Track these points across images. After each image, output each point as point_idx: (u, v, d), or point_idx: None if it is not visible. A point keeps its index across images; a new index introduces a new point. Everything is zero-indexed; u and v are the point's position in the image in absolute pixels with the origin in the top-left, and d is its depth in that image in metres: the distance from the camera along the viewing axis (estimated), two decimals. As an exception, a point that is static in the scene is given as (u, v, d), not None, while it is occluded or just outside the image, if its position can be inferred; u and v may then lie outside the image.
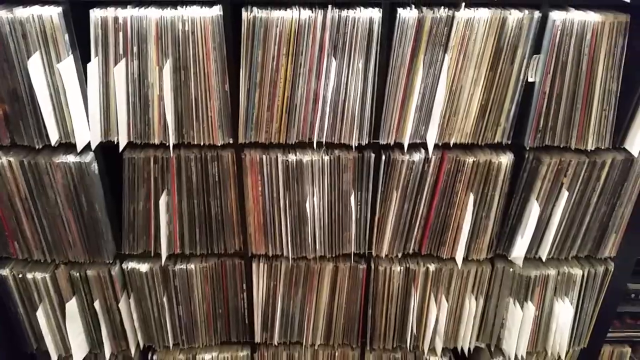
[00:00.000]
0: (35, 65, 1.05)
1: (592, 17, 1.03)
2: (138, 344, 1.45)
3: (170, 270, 1.32)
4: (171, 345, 1.45)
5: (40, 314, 1.33)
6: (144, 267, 1.32)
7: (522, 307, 1.36)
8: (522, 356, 1.43)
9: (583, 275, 1.34)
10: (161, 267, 1.32)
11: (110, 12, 1.04)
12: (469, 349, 1.47)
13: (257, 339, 1.47)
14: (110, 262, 1.31)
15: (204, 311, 1.41)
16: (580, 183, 1.21)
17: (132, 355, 1.46)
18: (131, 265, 1.32)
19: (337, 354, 1.51)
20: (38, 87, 1.06)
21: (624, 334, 1.55)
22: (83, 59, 1.09)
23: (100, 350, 1.43)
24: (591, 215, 1.26)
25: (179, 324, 1.42)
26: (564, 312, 1.37)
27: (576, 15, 1.03)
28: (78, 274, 1.31)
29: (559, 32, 1.03)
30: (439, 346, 1.45)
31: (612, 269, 1.35)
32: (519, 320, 1.37)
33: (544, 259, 1.30)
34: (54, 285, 1.32)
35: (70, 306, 1.33)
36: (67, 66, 1.06)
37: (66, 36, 1.04)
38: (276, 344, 1.48)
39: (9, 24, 1.01)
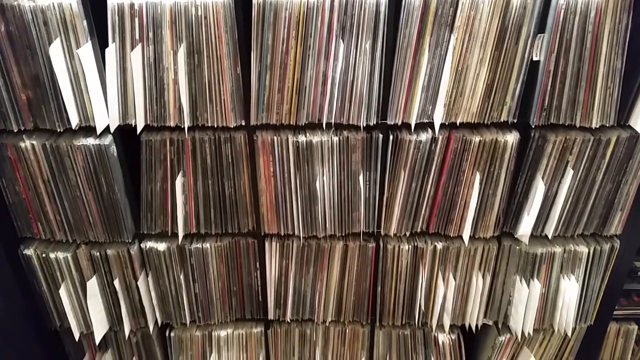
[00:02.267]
0: (56, 52, 1.09)
1: (595, -4, 1.04)
2: (156, 321, 1.50)
3: (186, 249, 1.37)
4: (188, 322, 1.50)
5: (62, 292, 1.39)
6: (161, 246, 1.37)
7: (528, 284, 1.39)
8: (529, 333, 1.46)
9: (589, 253, 1.36)
10: (178, 246, 1.37)
11: (126, -1, 1.08)
12: (477, 325, 1.50)
13: (271, 316, 1.52)
14: (129, 241, 1.36)
15: (219, 289, 1.46)
16: (586, 161, 1.23)
17: (151, 332, 1.52)
18: (149, 244, 1.37)
19: (347, 330, 1.56)
20: (59, 72, 1.11)
21: (631, 312, 1.57)
22: (101, 44, 1.13)
23: (120, 327, 1.48)
24: (597, 192, 1.28)
25: (195, 302, 1.47)
26: (570, 289, 1.39)
27: (580, -6, 1.05)
28: (98, 253, 1.36)
29: (562, 10, 1.05)
30: (447, 323, 1.49)
31: (618, 247, 1.36)
32: (525, 298, 1.40)
33: (550, 237, 1.33)
34: (75, 264, 1.37)
35: (91, 284, 1.38)
36: (86, 52, 1.11)
37: (85, 23, 1.08)
38: (289, 320, 1.52)
39: (31, 12, 1.06)
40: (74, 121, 1.17)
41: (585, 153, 1.22)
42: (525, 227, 1.31)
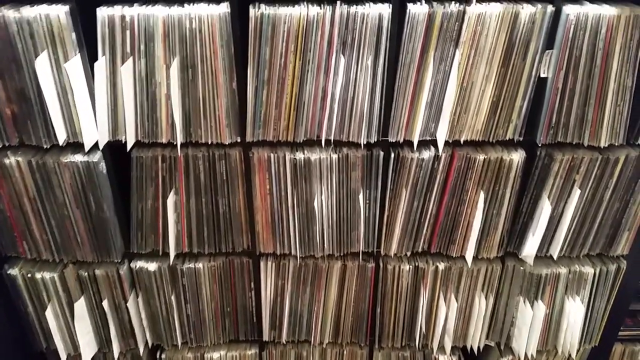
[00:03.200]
0: (42, 65, 1.04)
1: (607, 11, 1.00)
2: (147, 343, 1.45)
3: (178, 269, 1.32)
4: (180, 344, 1.44)
5: (49, 313, 1.33)
6: (152, 266, 1.32)
7: (532, 305, 1.35)
8: (532, 355, 1.42)
9: (595, 274, 1.33)
10: (169, 266, 1.32)
11: (117, 11, 1.03)
12: (479, 347, 1.46)
13: (266, 337, 1.47)
14: (119, 261, 1.30)
15: (212, 310, 1.40)
16: (593, 180, 1.19)
17: (141, 354, 1.46)
18: (139, 264, 1.32)
19: (345, 352, 1.51)
20: (45, 86, 1.06)
21: (636, 332, 1.53)
22: (90, 58, 1.08)
23: (108, 349, 1.43)
24: (604, 212, 1.25)
25: (188, 323, 1.41)
26: (574, 310, 1.35)
27: (591, 9, 1.01)
28: (86, 273, 1.31)
29: (572, 26, 1.02)
30: (448, 345, 1.44)
31: (625, 267, 1.33)
32: (529, 319, 1.36)
33: (555, 257, 1.29)
34: (62, 284, 1.32)
35: (78, 305, 1.33)
36: (74, 65, 1.06)
37: (73, 35, 1.04)
38: (284, 342, 1.47)
39: (16, 24, 1.01)
40: (62, 137, 1.12)
41: (592, 172, 1.18)
42: (530, 248, 1.27)
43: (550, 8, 1.02)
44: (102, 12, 1.03)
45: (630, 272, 1.34)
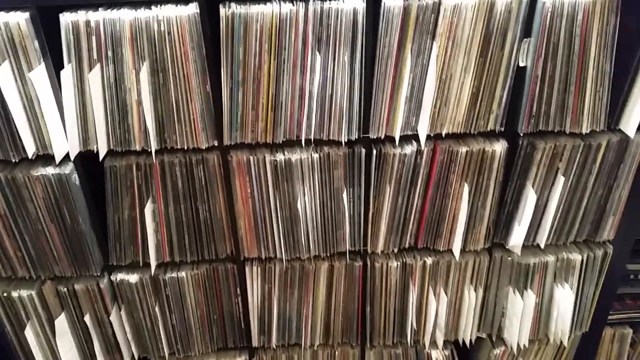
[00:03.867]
0: (5, 76, 0.99)
1: (582, -3, 1.00)
2: (133, 356, 1.41)
3: (160, 279, 1.29)
4: (167, 355, 1.41)
5: (28, 333, 1.29)
6: (133, 278, 1.28)
7: (522, 295, 1.35)
8: (524, 344, 1.42)
9: (582, 260, 1.33)
10: (151, 277, 1.28)
11: (81, 16, 0.98)
12: (470, 340, 1.45)
13: (255, 343, 1.44)
14: (98, 274, 1.26)
15: (199, 318, 1.37)
16: (576, 167, 1.19)
17: (127, 368, 1.43)
18: (120, 276, 1.28)
19: (337, 353, 1.49)
20: (10, 98, 1.01)
21: (625, 315, 1.54)
22: (56, 66, 1.04)
23: (93, 364, 1.39)
24: (588, 198, 1.24)
25: (174, 333, 1.38)
26: (564, 298, 1.35)
27: (566, -4, 1.00)
28: (65, 288, 1.27)
29: (549, 13, 1.00)
30: (439, 339, 1.43)
31: (611, 252, 1.33)
32: (519, 309, 1.36)
33: (542, 246, 1.28)
34: (41, 301, 1.27)
35: (59, 322, 1.29)
36: (39, 75, 1.01)
37: (36, 43, 0.99)
38: (274, 347, 1.45)
39: (-27, 33, 0.96)
40: (30, 150, 1.08)
41: (575, 159, 1.18)
42: (516, 238, 1.26)
43: (526, -4, 1.01)
44: (66, 18, 0.99)
45: (616, 257, 1.34)
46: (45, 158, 1.12)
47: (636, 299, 1.54)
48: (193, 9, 0.99)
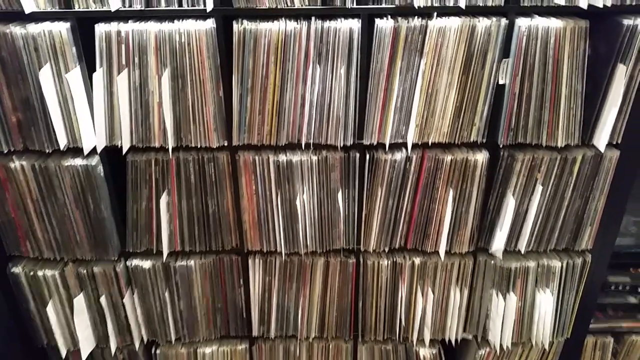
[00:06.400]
0: (45, 76, 1.14)
1: (554, 23, 1.11)
2: (142, 339, 1.52)
3: (171, 266, 1.41)
4: (173, 340, 1.52)
5: (50, 310, 1.41)
6: (146, 264, 1.40)
7: (504, 298, 1.43)
8: (507, 346, 1.49)
9: (562, 267, 1.40)
10: (163, 264, 1.40)
11: (113, 27, 1.14)
12: (457, 339, 1.53)
13: (255, 332, 1.54)
14: (116, 259, 1.39)
15: (204, 306, 1.49)
16: (554, 178, 1.28)
17: (137, 349, 1.53)
18: (135, 262, 1.40)
19: (331, 346, 1.58)
20: (48, 96, 1.16)
21: (606, 325, 1.60)
22: (89, 69, 1.19)
23: (106, 344, 1.51)
24: (566, 208, 1.33)
25: (181, 319, 1.49)
26: (545, 302, 1.43)
27: (540, 22, 1.12)
28: (85, 271, 1.39)
29: (524, 37, 1.12)
30: (427, 337, 1.52)
31: (590, 261, 1.41)
32: (502, 311, 1.43)
33: (522, 252, 1.37)
34: (62, 282, 1.40)
35: (78, 301, 1.41)
36: (74, 76, 1.16)
37: (74, 49, 1.14)
38: (273, 337, 1.55)
39: (22, 39, 1.11)
40: (62, 142, 1.22)
41: (552, 171, 1.27)
42: (498, 243, 1.36)
43: (504, 21, 1.13)
44: (100, 28, 1.14)
45: (595, 266, 1.42)
46: (75, 150, 1.26)
47: (617, 309, 1.61)
48: (210, 24, 1.13)
